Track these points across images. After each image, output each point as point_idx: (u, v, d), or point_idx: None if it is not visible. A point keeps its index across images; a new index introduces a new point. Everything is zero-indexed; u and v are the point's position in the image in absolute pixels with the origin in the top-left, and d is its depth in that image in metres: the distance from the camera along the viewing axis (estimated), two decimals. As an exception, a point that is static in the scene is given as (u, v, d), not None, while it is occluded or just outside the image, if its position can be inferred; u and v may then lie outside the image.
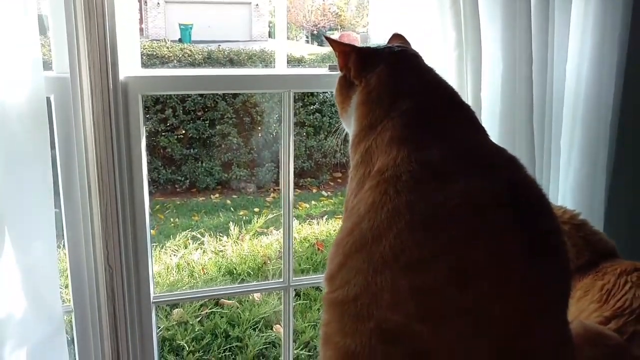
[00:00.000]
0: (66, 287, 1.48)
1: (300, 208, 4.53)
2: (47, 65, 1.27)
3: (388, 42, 1.26)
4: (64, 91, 1.30)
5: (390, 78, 1.09)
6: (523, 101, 1.44)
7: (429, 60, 1.19)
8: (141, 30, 7.19)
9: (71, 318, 1.44)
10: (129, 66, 1.39)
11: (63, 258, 1.45)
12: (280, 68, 1.57)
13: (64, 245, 1.40)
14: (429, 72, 1.14)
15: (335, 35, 7.93)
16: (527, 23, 1.42)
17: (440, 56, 1.42)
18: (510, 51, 1.42)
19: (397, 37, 1.27)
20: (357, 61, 1.13)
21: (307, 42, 8.32)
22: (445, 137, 1.00)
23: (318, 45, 7.94)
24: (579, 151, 1.60)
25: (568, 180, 1.63)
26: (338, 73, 1.20)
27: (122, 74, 1.34)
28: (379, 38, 1.48)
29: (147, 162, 1.44)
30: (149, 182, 1.47)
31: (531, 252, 0.85)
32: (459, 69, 1.41)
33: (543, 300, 0.86)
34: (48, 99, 1.28)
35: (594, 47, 1.55)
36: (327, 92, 4.90)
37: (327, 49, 6.88)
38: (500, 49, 1.42)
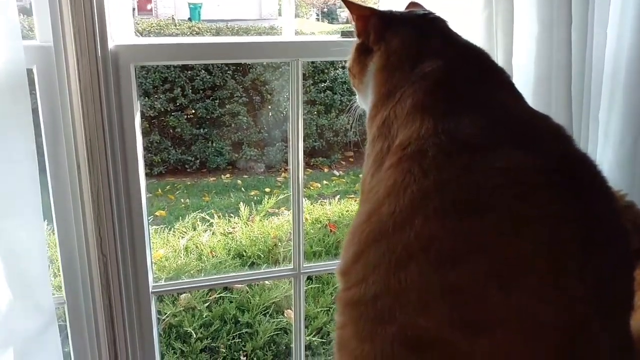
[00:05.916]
0: (57, 276, 1.38)
1: (311, 188, 4.44)
2: (29, 35, 1.16)
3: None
4: (47, 62, 1.18)
5: (413, 41, 0.98)
6: (561, 67, 1.28)
7: (454, 23, 1.06)
8: (150, 9, 7.13)
9: (64, 310, 1.33)
10: (121, 34, 1.26)
11: (54, 245, 1.34)
12: (288, 36, 1.43)
13: (54, 232, 1.29)
14: (458, 36, 1.02)
15: (345, 13, 7.78)
16: (565, -22, 1.26)
17: (467, 18, 1.26)
18: (546, 10, 1.26)
19: (413, 5, 1.15)
20: (378, 24, 1.02)
21: (318, 19, 8.16)
22: (478, 103, 0.87)
23: (328, 22, 7.78)
24: (620, 124, 1.44)
25: (606, 155, 1.48)
26: (349, 40, 1.11)
27: (112, 43, 1.21)
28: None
29: (157, 143, 1.32)
30: (158, 162, 1.36)
31: (588, 241, 0.71)
32: (488, 31, 1.26)
33: (603, 299, 0.72)
34: (30, 71, 1.16)
35: (637, 6, 1.38)
36: (338, 70, 4.77)
37: (338, 26, 6.73)
38: (535, 8, 1.27)
